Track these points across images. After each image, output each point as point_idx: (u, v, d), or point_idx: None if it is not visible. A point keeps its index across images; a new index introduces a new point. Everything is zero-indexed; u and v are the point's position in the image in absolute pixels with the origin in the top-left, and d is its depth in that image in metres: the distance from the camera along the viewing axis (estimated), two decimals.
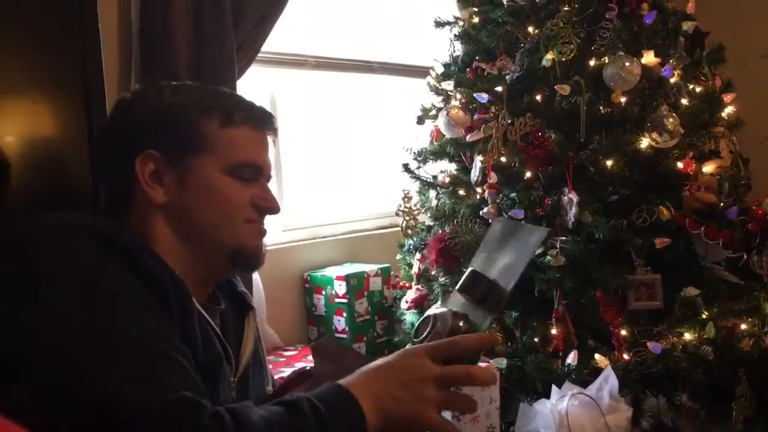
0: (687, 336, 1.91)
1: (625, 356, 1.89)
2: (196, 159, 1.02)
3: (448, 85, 2.41)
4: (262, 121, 1.10)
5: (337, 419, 0.80)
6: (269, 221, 1.12)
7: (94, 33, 1.51)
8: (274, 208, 1.08)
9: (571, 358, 1.90)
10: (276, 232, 2.56)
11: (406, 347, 0.93)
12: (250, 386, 1.09)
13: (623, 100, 2.04)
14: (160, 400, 0.74)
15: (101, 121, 1.13)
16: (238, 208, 1.03)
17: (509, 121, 2.09)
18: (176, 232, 1.01)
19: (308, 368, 1.48)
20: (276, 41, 2.29)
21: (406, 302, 2.33)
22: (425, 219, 2.44)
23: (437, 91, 2.47)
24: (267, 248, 1.12)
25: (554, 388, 1.77)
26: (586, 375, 1.86)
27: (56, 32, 1.45)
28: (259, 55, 2.18)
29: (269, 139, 1.12)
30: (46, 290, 0.79)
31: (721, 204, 2.05)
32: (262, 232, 1.08)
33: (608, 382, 1.73)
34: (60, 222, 0.87)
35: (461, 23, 2.45)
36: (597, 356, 1.90)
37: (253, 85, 2.36)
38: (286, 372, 2.08)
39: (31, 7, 1.41)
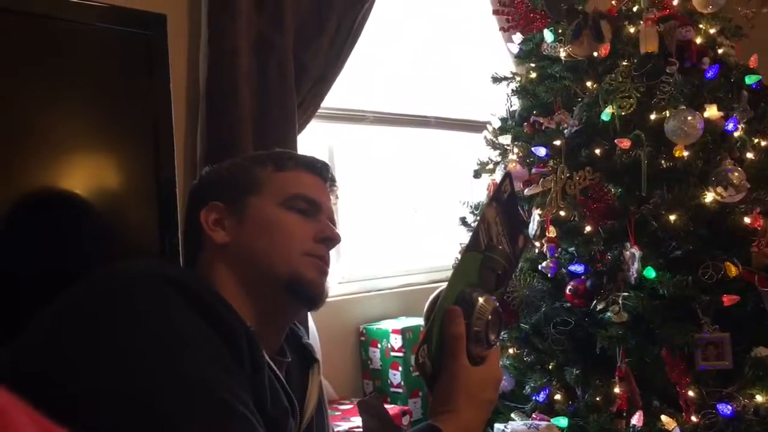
0: (759, 398, 1.83)
1: (693, 418, 1.82)
2: (253, 199, 1.06)
3: (505, 140, 2.42)
4: (314, 166, 1.14)
5: None
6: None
7: (166, 92, 1.58)
8: (334, 237, 1.09)
9: (636, 419, 1.84)
10: (332, 283, 2.57)
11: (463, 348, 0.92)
12: None
13: (686, 154, 2.01)
14: None
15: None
16: (292, 238, 1.04)
17: (568, 175, 2.08)
18: (236, 274, 1.02)
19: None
20: (335, 97, 2.34)
21: None
22: None
23: (494, 146, 2.48)
24: None
25: None
26: None
27: (130, 91, 1.52)
28: (319, 110, 2.23)
29: (328, 186, 1.15)
30: (126, 337, 0.80)
31: None
32: (324, 270, 1.08)
33: None
34: (140, 270, 0.89)
35: (518, 78, 2.47)
36: (664, 418, 1.83)
37: (313, 139, 2.41)
38: (342, 426, 2.07)
39: (105, 67, 1.48)
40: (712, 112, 2.04)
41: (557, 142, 2.17)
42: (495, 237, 0.96)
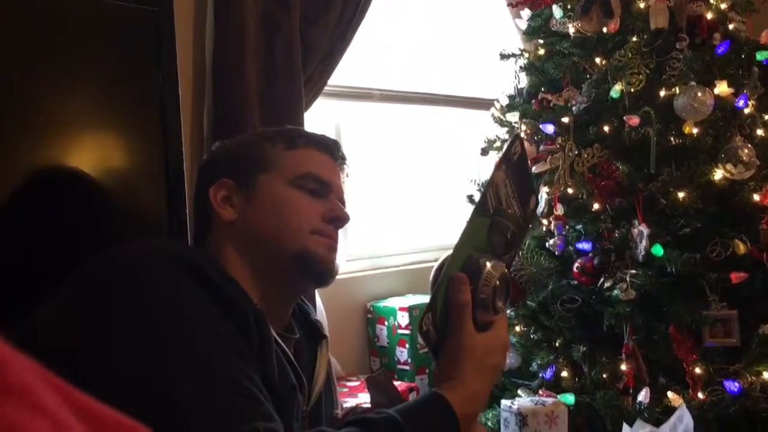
0: (766, 375, 1.84)
1: (700, 395, 1.82)
2: (262, 177, 1.06)
3: (513, 117, 2.40)
4: (325, 145, 1.13)
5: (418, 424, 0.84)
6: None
7: (173, 69, 1.57)
8: (342, 217, 1.09)
9: (643, 396, 1.84)
10: (340, 261, 2.58)
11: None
12: (322, 416, 1.09)
13: (695, 130, 1.99)
14: (233, 430, 0.75)
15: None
16: (300, 217, 1.04)
17: (576, 153, 2.07)
18: (244, 251, 1.03)
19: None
20: (342, 74, 2.33)
21: None
22: None
23: (501, 123, 2.46)
24: None
25: (625, 426, 1.72)
26: (658, 414, 1.81)
27: (136, 68, 1.52)
28: (326, 88, 2.22)
29: (339, 165, 1.14)
30: (135, 317, 0.81)
31: None
32: (334, 247, 1.09)
33: (683, 421, 1.67)
34: (150, 250, 0.89)
35: (526, 55, 2.45)
36: (670, 394, 1.83)
37: (320, 117, 2.40)
38: (349, 402, 2.08)
39: (112, 43, 1.47)
40: (722, 88, 2.02)
41: (565, 120, 2.16)
42: (504, 200, 0.95)
